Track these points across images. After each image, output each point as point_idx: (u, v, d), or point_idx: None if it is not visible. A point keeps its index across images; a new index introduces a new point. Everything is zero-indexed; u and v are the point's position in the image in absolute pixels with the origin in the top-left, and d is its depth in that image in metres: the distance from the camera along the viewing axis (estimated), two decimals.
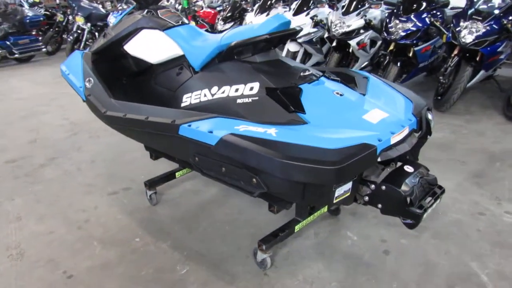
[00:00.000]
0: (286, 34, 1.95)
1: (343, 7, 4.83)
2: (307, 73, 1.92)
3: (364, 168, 1.61)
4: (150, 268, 2.15)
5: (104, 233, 2.49)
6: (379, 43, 5.02)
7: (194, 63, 2.19)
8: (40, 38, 9.02)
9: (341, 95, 1.83)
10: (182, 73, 2.31)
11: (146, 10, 2.52)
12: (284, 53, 5.34)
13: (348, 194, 1.67)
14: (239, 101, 1.90)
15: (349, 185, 1.64)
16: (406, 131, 1.71)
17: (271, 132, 1.55)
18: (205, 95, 2.05)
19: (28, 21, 8.72)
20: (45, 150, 3.91)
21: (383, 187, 1.69)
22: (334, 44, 4.90)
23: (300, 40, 5.22)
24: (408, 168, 1.73)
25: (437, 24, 4.24)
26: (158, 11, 2.48)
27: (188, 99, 2.15)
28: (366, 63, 5.17)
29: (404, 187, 1.64)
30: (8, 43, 8.33)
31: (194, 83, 2.18)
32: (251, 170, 1.59)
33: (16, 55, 8.49)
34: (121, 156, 3.59)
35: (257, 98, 1.85)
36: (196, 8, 6.95)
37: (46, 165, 3.57)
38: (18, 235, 2.53)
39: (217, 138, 1.58)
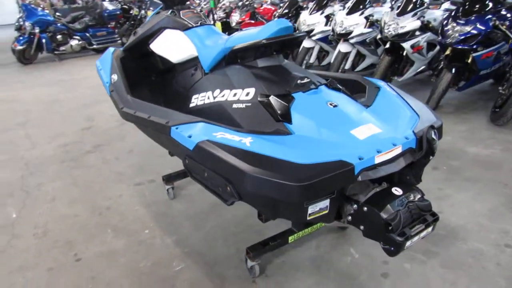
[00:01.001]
0: (287, 39, 1.90)
1: (398, 7, 4.54)
2: (305, 80, 1.85)
3: (339, 186, 1.52)
4: (149, 261, 2.24)
5: (119, 222, 2.64)
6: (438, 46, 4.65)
7: (204, 64, 2.22)
8: (116, 30, 9.70)
9: (334, 106, 1.74)
10: (195, 74, 2.35)
11: (170, 10, 2.59)
12: (334, 54, 5.18)
13: (326, 212, 1.59)
14: (234, 106, 1.90)
15: (326, 203, 1.56)
16: (397, 150, 1.59)
17: (246, 141, 1.53)
18: (208, 98, 2.08)
19: (106, 14, 9.43)
20: (95, 137, 4.22)
21: (365, 208, 1.59)
22: (387, 46, 4.64)
23: (352, 41, 5.02)
24: (396, 191, 1.60)
25: (503, 27, 3.82)
26: (180, 11, 2.55)
27: (196, 100, 2.19)
28: (422, 67, 4.83)
29: (385, 211, 1.53)
30: (87, 35, 9.09)
31: (202, 85, 2.22)
32: (225, 178, 1.58)
33: (94, 46, 9.22)
34: (156, 149, 3.77)
35: (250, 104, 1.84)
36: (255, 5, 6.98)
37: (91, 152, 3.86)
38: (48, 215, 2.77)
39: (193, 144, 1.60)
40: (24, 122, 4.94)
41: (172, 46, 2.51)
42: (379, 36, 4.75)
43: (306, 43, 5.74)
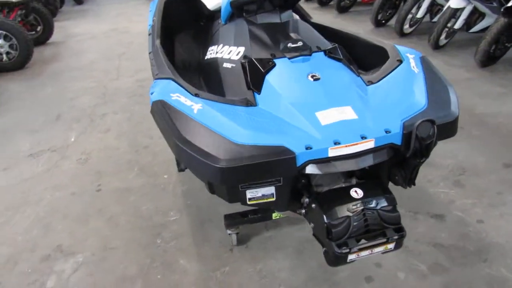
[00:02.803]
0: None
1: None
2: (297, 44, 1.59)
3: (276, 175, 1.30)
4: (152, 205, 2.33)
5: (148, 162, 2.77)
6: None
7: (222, 15, 2.06)
8: None
9: (316, 79, 1.47)
10: (218, 24, 2.21)
11: None
12: (443, 10, 4.36)
13: (273, 199, 1.40)
14: (224, 65, 1.75)
15: (270, 190, 1.37)
16: (367, 145, 1.28)
17: (195, 108, 1.40)
18: (213, 52, 1.96)
19: None
20: None
21: (313, 205, 1.35)
22: (510, 4, 3.71)
23: None
24: (355, 193, 1.32)
25: None
26: None
27: (208, 52, 2.08)
28: None
29: (330, 214, 1.28)
30: None
31: (216, 37, 2.09)
32: (168, 143, 1.49)
33: None
34: None
35: (234, 65, 1.67)
36: None
37: None
38: (96, 144, 3.05)
39: (151, 101, 1.52)
40: (122, 53, 5.39)
41: None
42: None
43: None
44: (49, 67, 5.06)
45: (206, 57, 2.08)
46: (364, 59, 1.93)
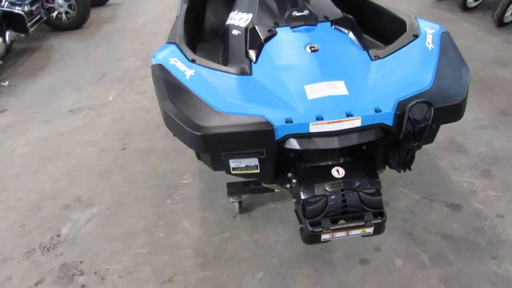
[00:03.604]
0: None
1: None
2: (303, 13, 1.52)
3: (255, 146, 1.28)
4: (169, 167, 2.42)
5: None
6: None
7: None
8: None
9: (314, 50, 1.40)
10: None
11: None
12: None
13: (257, 170, 1.39)
14: (233, 31, 1.73)
15: (253, 161, 1.36)
16: (352, 123, 1.22)
17: (188, 73, 1.41)
18: (231, 18, 1.93)
19: None
20: None
21: (294, 180, 1.32)
22: None
23: None
24: (337, 172, 1.26)
25: None
26: None
27: (228, 18, 2.06)
28: None
29: (307, 190, 1.24)
30: None
31: (236, 3, 2.05)
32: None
33: None
34: None
35: (240, 32, 1.64)
36: None
37: None
38: (131, 105, 3.19)
39: (151, 64, 1.55)
40: (173, 17, 5.46)
41: None
42: None
43: None
44: (104, 27, 5.29)
45: (226, 23, 2.06)
46: (385, 31, 1.81)
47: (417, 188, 2.07)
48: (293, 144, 1.23)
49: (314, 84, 1.29)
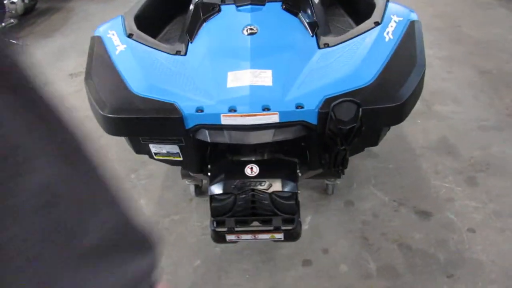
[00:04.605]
0: None
1: None
2: None
3: (164, 133, 1.20)
4: None
5: None
6: None
7: None
8: None
9: (251, 33, 1.27)
10: None
11: None
12: None
13: (180, 158, 1.31)
14: (190, 7, 1.61)
15: (174, 148, 1.27)
16: (269, 118, 1.10)
17: (119, 49, 1.33)
18: None
19: None
20: None
21: (209, 173, 1.23)
22: None
23: None
24: (251, 170, 1.15)
25: None
26: None
27: None
28: None
29: (216, 186, 1.16)
30: None
31: None
32: None
33: None
34: None
35: (192, 7, 1.53)
36: None
37: None
38: None
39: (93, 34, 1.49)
40: None
41: None
42: None
43: None
44: None
45: None
46: (362, 15, 1.62)
47: (389, 190, 1.91)
48: (204, 135, 1.14)
49: (239, 71, 1.17)
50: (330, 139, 1.11)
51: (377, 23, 1.33)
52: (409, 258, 1.60)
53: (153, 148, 1.30)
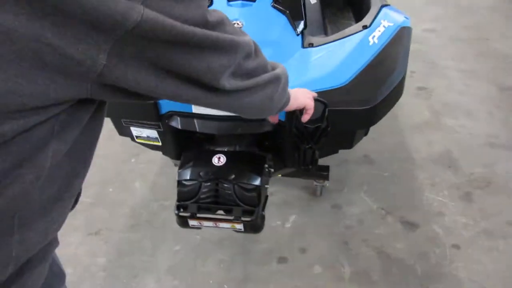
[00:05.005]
0: None
1: None
2: None
3: (140, 117, 1.24)
4: None
5: None
6: None
7: None
8: None
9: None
10: None
11: None
12: None
13: (159, 143, 1.36)
14: None
15: (154, 133, 1.32)
16: None
17: None
18: None
19: None
20: None
21: (182, 158, 1.27)
22: None
23: None
24: (218, 160, 1.18)
25: None
26: None
27: None
28: None
29: (183, 172, 1.19)
30: None
31: None
32: None
33: None
34: None
35: None
36: None
37: None
38: None
39: None
40: None
41: None
42: None
43: None
44: None
45: None
46: (360, 16, 1.62)
47: (379, 197, 1.88)
48: (176, 122, 1.18)
49: None
50: (297, 137, 1.12)
51: (365, 27, 1.33)
52: (386, 266, 1.58)
53: (134, 131, 1.35)
